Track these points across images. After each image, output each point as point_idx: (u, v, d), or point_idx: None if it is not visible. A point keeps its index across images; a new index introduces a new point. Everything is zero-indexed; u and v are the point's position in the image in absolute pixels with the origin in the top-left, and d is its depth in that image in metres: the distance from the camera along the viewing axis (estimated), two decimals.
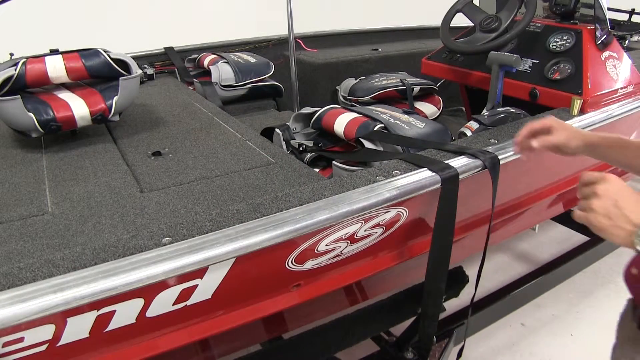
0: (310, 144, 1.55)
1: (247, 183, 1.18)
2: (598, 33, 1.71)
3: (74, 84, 1.53)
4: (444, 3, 2.04)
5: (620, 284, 1.11)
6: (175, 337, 1.04)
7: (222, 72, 2.14)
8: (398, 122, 1.47)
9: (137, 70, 1.52)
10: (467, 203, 1.30)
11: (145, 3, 3.71)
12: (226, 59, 2.21)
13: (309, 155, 1.48)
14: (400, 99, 2.09)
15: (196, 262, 0.88)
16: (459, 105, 2.56)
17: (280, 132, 1.60)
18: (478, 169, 1.19)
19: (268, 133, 1.66)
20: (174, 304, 0.94)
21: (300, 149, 1.51)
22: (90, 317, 0.86)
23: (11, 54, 1.54)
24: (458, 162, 1.17)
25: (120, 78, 1.46)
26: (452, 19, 2.01)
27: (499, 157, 1.21)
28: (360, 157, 1.33)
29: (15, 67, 1.37)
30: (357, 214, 1.04)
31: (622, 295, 0.91)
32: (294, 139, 1.58)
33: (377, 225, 1.14)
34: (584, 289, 2.16)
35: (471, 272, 1.54)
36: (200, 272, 0.92)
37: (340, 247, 1.11)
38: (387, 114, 1.55)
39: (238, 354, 1.32)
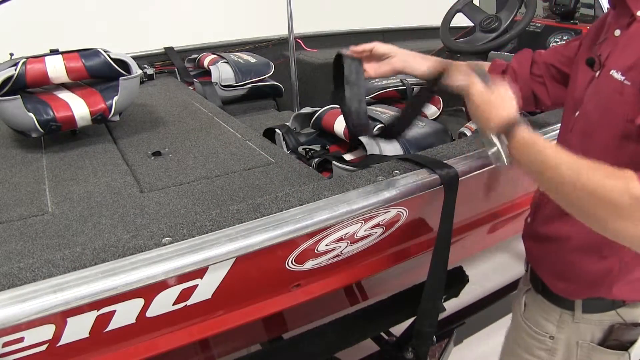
0: (317, 148, 1.55)
1: (247, 183, 1.18)
2: None
3: (74, 84, 1.53)
4: (444, 3, 2.04)
5: None
6: (175, 337, 1.04)
7: (222, 72, 2.14)
8: None
9: (137, 70, 1.52)
10: (469, 202, 1.30)
11: (145, 3, 3.71)
12: (226, 59, 2.21)
13: (316, 160, 1.48)
14: (400, 99, 2.09)
15: (196, 262, 0.88)
16: (459, 105, 2.55)
17: (280, 132, 1.60)
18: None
19: (270, 133, 1.66)
20: (174, 304, 0.94)
21: (307, 156, 1.51)
22: (90, 317, 0.86)
23: (11, 54, 1.54)
24: (458, 162, 1.17)
25: (120, 78, 1.46)
26: (452, 19, 2.01)
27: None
28: (367, 162, 1.33)
29: (15, 67, 1.37)
30: (357, 214, 1.04)
31: None
32: (301, 144, 1.57)
33: (377, 225, 1.14)
34: None
35: (471, 272, 1.54)
36: (200, 272, 0.92)
37: (340, 247, 1.11)
38: (387, 114, 1.55)
39: (238, 354, 1.32)
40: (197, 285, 0.94)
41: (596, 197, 0.67)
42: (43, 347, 0.85)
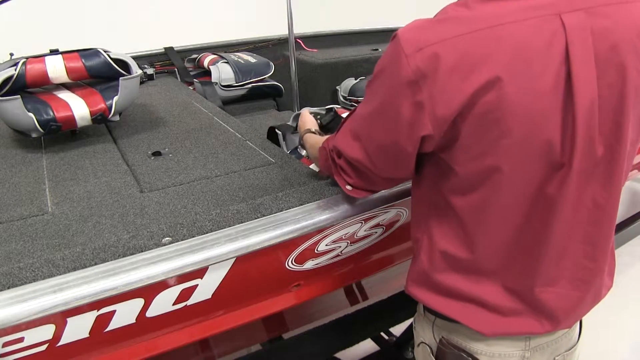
0: None
1: (247, 183, 1.18)
2: None
3: (74, 84, 1.53)
4: (443, 3, 2.04)
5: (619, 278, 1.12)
6: (175, 337, 1.04)
7: (222, 72, 2.14)
8: None
9: (137, 70, 1.51)
10: None
11: (145, 3, 3.71)
12: (226, 59, 2.21)
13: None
14: None
15: (196, 262, 0.88)
16: None
17: (280, 132, 1.60)
18: None
19: (273, 133, 1.66)
20: (174, 304, 0.94)
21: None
22: (90, 317, 0.86)
23: (11, 54, 1.54)
24: None
25: (120, 78, 1.46)
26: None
27: None
28: None
29: (15, 67, 1.37)
30: (357, 214, 1.04)
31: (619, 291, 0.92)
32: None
33: (377, 225, 1.14)
34: None
35: None
36: (200, 272, 0.92)
37: (340, 247, 1.11)
38: None
39: (238, 354, 1.32)
40: (197, 285, 0.94)
41: (317, 156, 1.03)
42: (43, 347, 0.85)
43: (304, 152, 1.21)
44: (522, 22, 0.68)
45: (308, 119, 1.31)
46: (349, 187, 0.92)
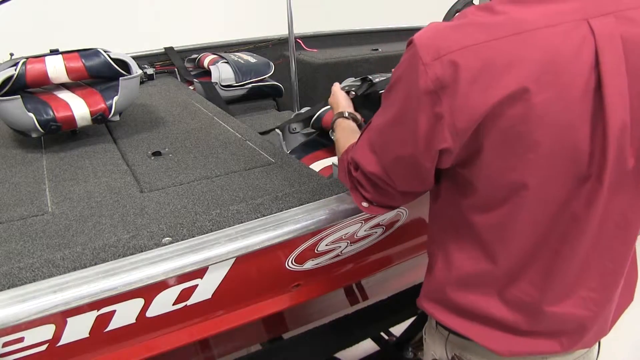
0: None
1: (247, 183, 1.18)
2: None
3: (74, 84, 1.53)
4: (443, 3, 2.04)
5: None
6: (175, 337, 1.04)
7: (222, 72, 2.14)
8: None
9: (137, 70, 1.51)
10: None
11: (145, 3, 3.71)
12: (226, 59, 2.21)
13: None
14: None
15: (196, 262, 0.88)
16: None
17: (279, 132, 1.60)
18: None
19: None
20: (174, 304, 0.94)
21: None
22: (90, 317, 0.86)
23: (11, 54, 1.54)
24: None
25: (120, 78, 1.46)
26: (451, 19, 2.00)
27: None
28: None
29: (15, 67, 1.37)
30: (357, 214, 1.04)
31: None
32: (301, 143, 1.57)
33: (377, 225, 1.14)
34: None
35: None
36: (200, 272, 0.92)
37: (340, 247, 1.11)
38: None
39: (238, 354, 1.32)
40: (197, 285, 0.94)
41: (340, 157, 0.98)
42: (43, 347, 0.85)
43: (334, 136, 1.16)
44: (549, 28, 0.64)
45: (341, 97, 1.22)
46: (365, 204, 0.88)
